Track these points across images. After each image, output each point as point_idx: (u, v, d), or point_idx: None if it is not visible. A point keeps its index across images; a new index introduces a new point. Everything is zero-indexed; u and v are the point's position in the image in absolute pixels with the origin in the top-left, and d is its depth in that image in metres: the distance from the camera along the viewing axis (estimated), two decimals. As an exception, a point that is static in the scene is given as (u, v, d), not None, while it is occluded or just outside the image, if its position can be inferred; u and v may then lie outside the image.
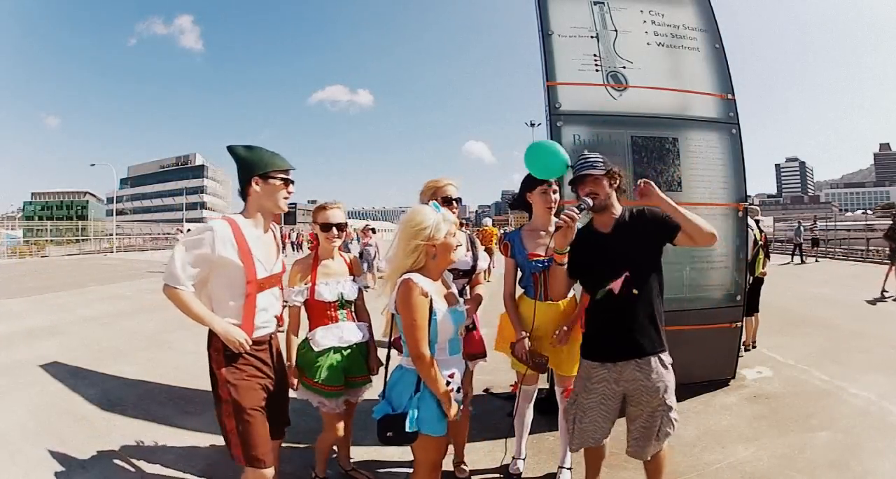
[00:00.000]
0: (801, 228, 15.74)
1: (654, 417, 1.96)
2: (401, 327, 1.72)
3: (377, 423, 1.73)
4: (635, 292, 1.94)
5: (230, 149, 1.86)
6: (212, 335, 1.79)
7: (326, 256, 2.35)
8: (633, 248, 1.97)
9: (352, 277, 2.39)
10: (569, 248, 2.01)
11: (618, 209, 2.07)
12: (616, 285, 1.94)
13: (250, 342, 1.79)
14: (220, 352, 1.78)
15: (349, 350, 2.29)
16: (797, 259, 14.95)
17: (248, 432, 1.74)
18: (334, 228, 2.29)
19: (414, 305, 1.65)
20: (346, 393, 2.34)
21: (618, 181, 2.05)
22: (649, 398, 1.95)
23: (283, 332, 2.17)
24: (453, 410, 1.71)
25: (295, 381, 2.21)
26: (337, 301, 2.29)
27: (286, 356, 2.19)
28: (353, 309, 2.37)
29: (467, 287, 2.45)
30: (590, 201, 2.01)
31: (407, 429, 1.65)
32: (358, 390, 2.39)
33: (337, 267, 2.36)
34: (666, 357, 1.97)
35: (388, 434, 1.69)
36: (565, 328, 2.28)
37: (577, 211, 1.95)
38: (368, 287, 2.54)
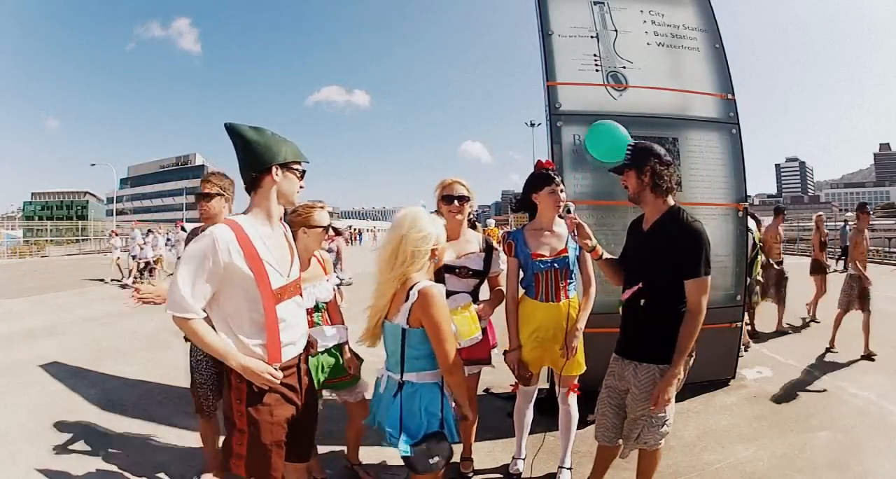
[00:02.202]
0: (847, 229, 13.41)
1: (636, 423, 1.95)
2: (416, 340, 1.61)
3: (411, 459, 1.58)
4: (642, 301, 1.90)
5: (233, 128, 1.55)
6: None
7: (305, 259, 2.25)
8: (653, 258, 1.89)
9: (325, 278, 2.34)
10: (593, 243, 2.05)
11: (656, 208, 1.94)
12: (626, 296, 1.96)
13: (279, 375, 1.53)
14: (245, 381, 1.51)
15: (327, 353, 2.28)
16: (841, 265, 12.59)
17: (262, 464, 1.54)
18: (331, 229, 2.26)
19: (444, 313, 1.58)
20: (342, 394, 2.37)
21: (647, 176, 1.90)
22: (635, 405, 1.94)
23: (315, 355, 2.13)
24: (470, 414, 1.74)
25: None
26: (313, 306, 2.25)
27: None
28: (327, 311, 2.33)
29: (479, 288, 2.44)
30: (570, 206, 2.09)
31: (452, 441, 1.63)
32: (352, 390, 2.39)
33: (311, 271, 2.28)
34: (667, 369, 1.87)
35: (433, 460, 1.58)
36: (571, 345, 2.30)
37: (569, 214, 2.06)
38: (342, 282, 2.47)
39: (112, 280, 11.28)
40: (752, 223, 4.11)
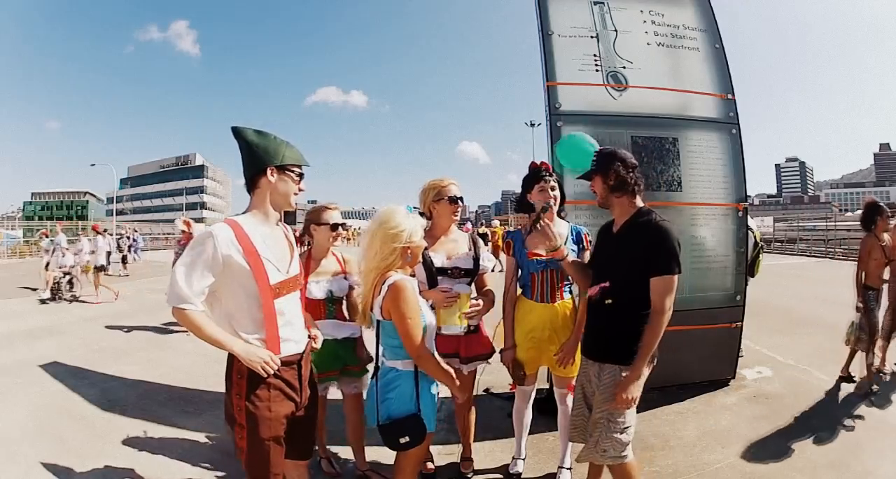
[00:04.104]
0: None
1: (595, 425, 1.91)
2: (388, 330, 1.74)
3: (384, 429, 1.73)
4: (608, 301, 1.88)
5: (237, 131, 1.64)
6: (233, 358, 1.59)
7: (321, 255, 2.44)
8: (621, 258, 1.90)
9: (343, 275, 2.47)
10: (557, 243, 2.05)
11: (623, 211, 1.95)
12: (593, 292, 1.95)
13: (278, 362, 1.57)
14: (245, 377, 1.57)
15: (338, 343, 2.38)
16: None
17: (261, 459, 1.59)
18: (340, 228, 2.41)
19: (411, 304, 1.68)
20: (342, 383, 2.46)
21: (612, 180, 1.93)
22: (597, 406, 1.92)
23: (316, 348, 2.18)
24: (464, 390, 1.82)
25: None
26: (325, 299, 2.39)
27: None
28: (343, 306, 2.48)
29: (471, 286, 2.44)
30: (543, 204, 2.12)
31: (428, 430, 1.72)
32: (355, 381, 2.46)
33: (329, 266, 2.45)
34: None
35: (404, 439, 1.70)
36: (563, 352, 2.31)
37: (537, 212, 2.09)
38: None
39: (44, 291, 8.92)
40: (752, 223, 4.07)
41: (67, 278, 8.89)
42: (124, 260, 15.17)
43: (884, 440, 2.85)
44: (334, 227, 2.39)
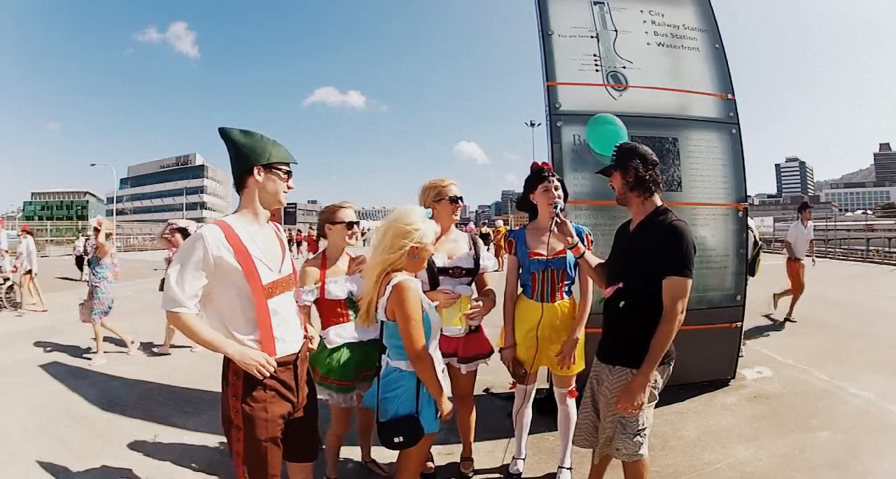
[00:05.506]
0: None
1: (606, 429, 1.91)
2: (392, 331, 1.73)
3: (381, 427, 1.73)
4: (621, 304, 1.86)
5: (224, 132, 1.64)
6: (229, 359, 1.58)
7: (335, 254, 2.38)
8: (634, 257, 1.87)
9: (360, 274, 2.40)
10: (574, 240, 2.09)
11: (640, 209, 1.92)
12: (608, 292, 1.93)
13: (274, 364, 1.57)
14: (241, 378, 1.56)
15: (361, 346, 2.31)
16: None
17: (259, 460, 1.57)
18: (355, 226, 2.38)
19: (414, 305, 1.67)
20: (360, 388, 2.39)
21: (630, 178, 1.88)
22: (605, 408, 1.91)
23: (313, 349, 2.14)
24: (448, 407, 1.78)
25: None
26: (347, 299, 2.32)
27: None
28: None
29: (471, 286, 2.44)
30: (560, 203, 2.15)
31: (425, 431, 1.71)
32: (371, 385, 2.43)
33: (345, 265, 2.39)
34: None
35: (398, 439, 1.70)
36: (562, 352, 2.31)
37: (555, 210, 2.11)
38: None
39: None
40: (752, 222, 4.07)
41: (7, 283, 7.92)
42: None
43: (884, 440, 2.85)
44: (350, 225, 2.37)
